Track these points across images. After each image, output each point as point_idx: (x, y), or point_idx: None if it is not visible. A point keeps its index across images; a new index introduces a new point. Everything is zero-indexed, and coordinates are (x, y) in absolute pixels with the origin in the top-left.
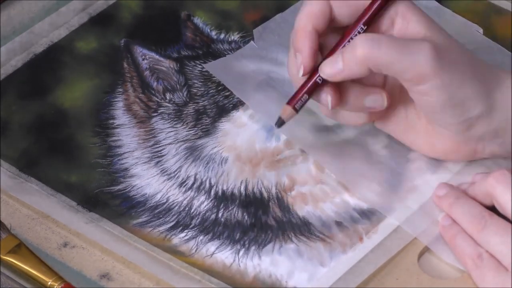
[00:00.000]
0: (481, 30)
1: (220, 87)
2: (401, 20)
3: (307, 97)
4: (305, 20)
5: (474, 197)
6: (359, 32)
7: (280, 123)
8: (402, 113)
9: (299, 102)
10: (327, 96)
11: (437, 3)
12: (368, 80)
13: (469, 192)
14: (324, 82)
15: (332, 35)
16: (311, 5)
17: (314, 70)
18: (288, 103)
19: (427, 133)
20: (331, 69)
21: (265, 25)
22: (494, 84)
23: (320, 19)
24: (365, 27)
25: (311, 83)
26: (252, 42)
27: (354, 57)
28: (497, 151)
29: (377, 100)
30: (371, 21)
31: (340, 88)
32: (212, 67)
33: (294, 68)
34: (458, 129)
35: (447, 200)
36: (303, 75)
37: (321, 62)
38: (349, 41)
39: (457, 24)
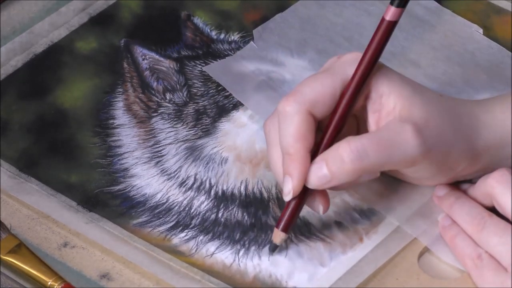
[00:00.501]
0: (480, 30)
1: (220, 87)
2: (374, 94)
3: (296, 217)
4: (297, 145)
5: (474, 198)
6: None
7: (274, 248)
8: None
9: (289, 225)
10: (318, 206)
11: (436, 3)
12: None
13: (469, 193)
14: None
15: None
16: (298, 125)
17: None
18: (277, 226)
19: (409, 174)
20: (318, 180)
21: (264, 25)
22: (475, 134)
23: (310, 139)
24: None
25: (296, 203)
26: (252, 42)
27: (343, 169)
28: (478, 177)
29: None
30: (347, 115)
31: None
32: (212, 69)
33: (279, 170)
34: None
35: (447, 200)
36: (292, 198)
37: None
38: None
39: (457, 24)
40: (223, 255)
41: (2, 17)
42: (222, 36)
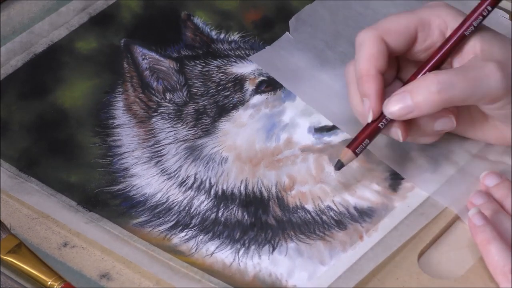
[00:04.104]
0: (507, 16)
1: (220, 87)
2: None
3: (368, 141)
4: (367, 65)
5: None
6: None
7: (340, 166)
8: (466, 114)
9: (360, 146)
10: (397, 131)
11: None
12: None
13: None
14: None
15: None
16: (368, 48)
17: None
18: (348, 146)
19: (494, 128)
20: (399, 109)
21: (297, 16)
22: None
23: (381, 60)
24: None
25: (372, 127)
26: (287, 33)
27: (429, 100)
28: None
29: (447, 123)
30: (441, 62)
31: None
32: (257, 59)
33: (359, 107)
34: None
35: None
36: (373, 119)
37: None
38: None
39: None
40: (223, 255)
41: (2, 17)
42: (222, 36)
